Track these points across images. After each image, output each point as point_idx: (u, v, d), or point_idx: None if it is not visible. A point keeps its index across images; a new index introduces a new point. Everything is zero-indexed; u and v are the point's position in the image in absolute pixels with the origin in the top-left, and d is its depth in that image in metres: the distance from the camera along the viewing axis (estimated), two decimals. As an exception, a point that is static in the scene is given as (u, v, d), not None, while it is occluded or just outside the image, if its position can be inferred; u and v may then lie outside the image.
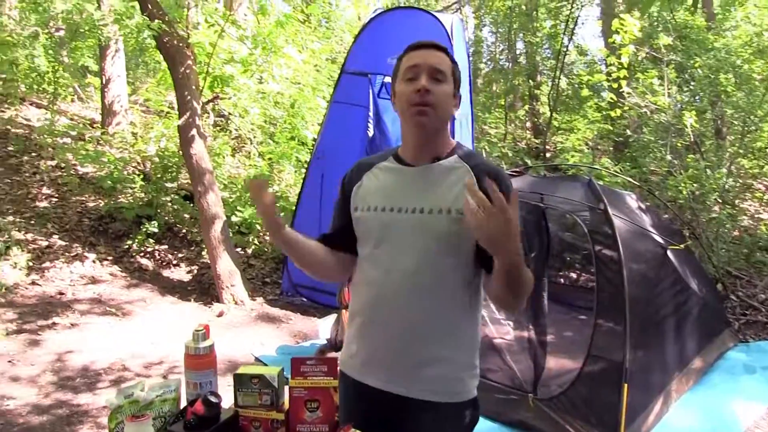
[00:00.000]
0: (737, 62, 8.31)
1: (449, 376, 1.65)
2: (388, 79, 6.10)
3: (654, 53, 9.11)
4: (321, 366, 1.75)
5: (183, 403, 1.81)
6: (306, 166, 6.78)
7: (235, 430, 1.76)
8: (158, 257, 7.05)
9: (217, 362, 4.64)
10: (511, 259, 1.43)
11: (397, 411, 1.66)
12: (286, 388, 1.79)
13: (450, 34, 5.62)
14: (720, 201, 7.31)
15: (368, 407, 1.71)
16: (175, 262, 7.06)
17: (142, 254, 7.01)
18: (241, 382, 1.76)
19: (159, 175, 7.84)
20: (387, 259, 1.67)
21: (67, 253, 6.57)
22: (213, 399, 1.69)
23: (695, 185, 7.15)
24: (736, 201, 8.54)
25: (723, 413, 3.99)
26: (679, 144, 8.10)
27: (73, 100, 10.93)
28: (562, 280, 6.70)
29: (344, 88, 6.12)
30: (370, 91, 5.89)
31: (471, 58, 17.69)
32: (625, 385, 3.44)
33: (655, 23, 10.72)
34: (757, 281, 6.83)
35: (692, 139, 7.86)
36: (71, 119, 9.64)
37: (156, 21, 5.78)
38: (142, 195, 7.65)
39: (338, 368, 1.78)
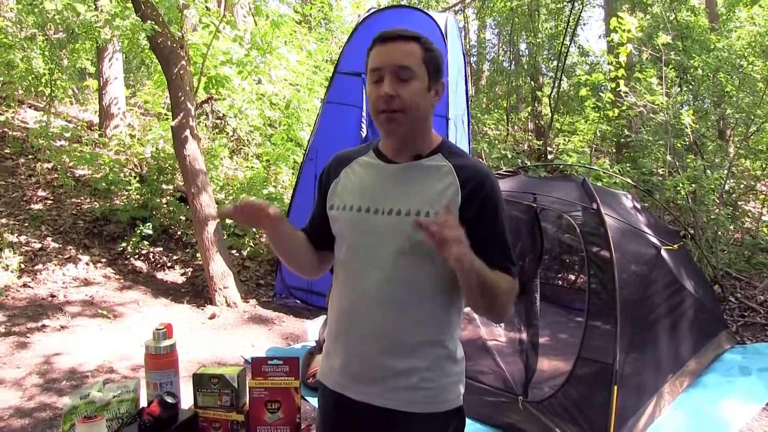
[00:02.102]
0: (739, 63, 8.23)
1: (429, 385, 1.56)
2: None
3: (654, 52, 9.04)
4: (282, 366, 1.69)
5: (143, 404, 1.76)
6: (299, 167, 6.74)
7: (194, 431, 1.70)
8: (152, 259, 7.01)
9: (206, 364, 4.61)
10: (461, 267, 1.36)
11: (377, 423, 1.58)
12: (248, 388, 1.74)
13: (444, 33, 5.58)
14: (718, 202, 7.22)
15: (347, 419, 1.63)
16: (169, 264, 7.01)
17: (136, 256, 6.97)
18: (200, 382, 1.71)
19: (154, 177, 7.81)
20: (361, 265, 1.58)
21: (60, 256, 6.54)
22: (169, 399, 1.64)
23: (694, 186, 7.06)
24: (738, 203, 8.45)
25: (715, 415, 3.94)
26: (678, 144, 8.02)
27: (71, 103, 10.93)
28: (560, 282, 6.64)
29: (337, 89, 6.08)
30: (364, 91, 5.84)
31: (474, 59, 17.72)
32: (615, 387, 3.37)
33: (657, 23, 10.63)
34: (756, 283, 6.75)
35: (692, 140, 7.77)
36: (69, 121, 9.63)
37: (149, 22, 5.75)
38: (138, 197, 7.61)
39: (317, 378, 1.72)
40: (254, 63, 7.26)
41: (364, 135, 5.78)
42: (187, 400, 1.80)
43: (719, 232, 7.16)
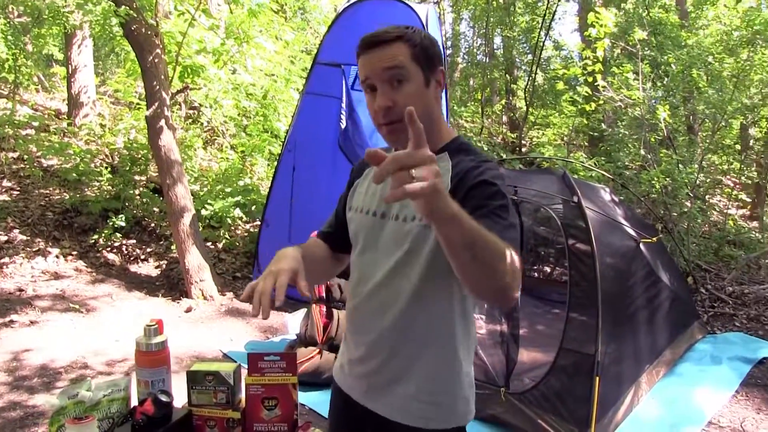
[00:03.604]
0: (709, 59, 8.38)
1: (424, 398, 1.50)
2: (362, 70, 5.99)
3: (629, 47, 9.15)
4: (279, 362, 1.65)
5: (134, 403, 1.71)
6: (277, 158, 6.67)
7: (188, 430, 1.66)
8: (125, 252, 6.88)
9: (184, 359, 4.52)
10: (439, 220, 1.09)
11: (377, 429, 1.54)
12: (243, 385, 1.69)
13: (425, 24, 5.55)
14: (691, 196, 7.37)
15: (352, 420, 1.60)
16: (143, 256, 6.89)
17: (108, 249, 6.83)
18: (194, 379, 1.66)
19: (127, 168, 7.65)
20: (367, 268, 1.54)
21: (28, 248, 6.36)
22: (163, 398, 1.59)
23: (668, 180, 7.19)
24: (706, 196, 8.63)
25: (690, 404, 4.04)
26: (652, 139, 8.14)
27: (37, 90, 10.65)
28: (536, 274, 6.69)
29: (317, 79, 6.01)
30: (343, 82, 5.78)
31: (449, 52, 17.73)
32: (597, 378, 3.41)
33: (630, 19, 10.77)
34: (725, 274, 6.91)
35: (665, 134, 7.89)
36: (35, 110, 9.38)
37: (123, 7, 5.61)
38: (110, 188, 7.46)
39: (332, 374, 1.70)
40: (230, 52, 7.14)
41: (343, 127, 5.72)
42: (174, 396, 1.76)
43: (690, 225, 7.30)
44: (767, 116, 8.70)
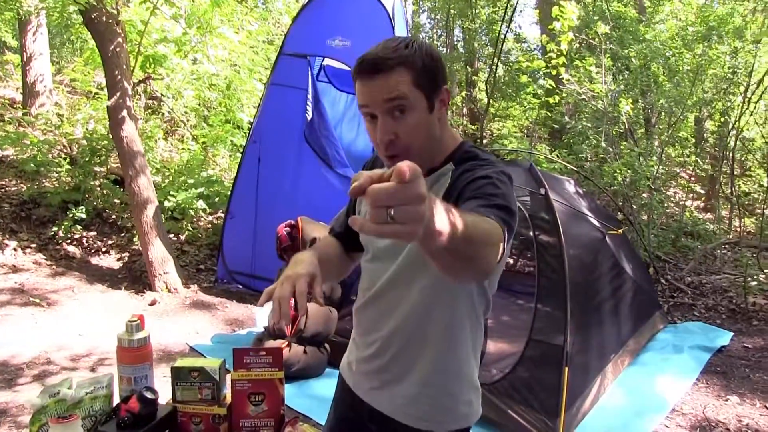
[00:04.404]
0: (667, 54, 8.58)
1: (425, 400, 1.51)
2: (327, 62, 5.99)
3: (591, 41, 9.30)
4: (265, 357, 1.65)
5: (116, 401, 1.69)
6: (241, 150, 6.59)
7: (173, 427, 1.64)
8: (86, 244, 6.72)
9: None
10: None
11: (379, 428, 1.57)
12: (228, 380, 1.69)
13: (392, 16, 5.55)
14: (651, 188, 7.55)
15: (357, 416, 1.62)
16: (104, 249, 6.74)
17: (68, 241, 6.66)
18: (179, 375, 1.65)
19: (87, 159, 7.45)
20: (374, 274, 1.55)
21: (-16, 241, 6.18)
22: (149, 395, 1.57)
23: (629, 172, 7.35)
24: (663, 188, 8.86)
25: (654, 392, 4.14)
26: (614, 132, 8.31)
27: (-11, 78, 10.31)
28: (499, 265, 6.76)
29: (282, 70, 5.95)
30: (309, 73, 5.76)
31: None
32: (566, 368, 3.48)
33: (591, 13, 10.94)
34: (683, 265, 7.11)
35: (626, 127, 8.06)
36: (-12, 98, 9.09)
37: (82, -6, 5.46)
38: (69, 179, 7.27)
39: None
40: (191, 42, 7.02)
41: (309, 118, 5.70)
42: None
43: (651, 217, 7.48)
44: (721, 110, 8.95)
